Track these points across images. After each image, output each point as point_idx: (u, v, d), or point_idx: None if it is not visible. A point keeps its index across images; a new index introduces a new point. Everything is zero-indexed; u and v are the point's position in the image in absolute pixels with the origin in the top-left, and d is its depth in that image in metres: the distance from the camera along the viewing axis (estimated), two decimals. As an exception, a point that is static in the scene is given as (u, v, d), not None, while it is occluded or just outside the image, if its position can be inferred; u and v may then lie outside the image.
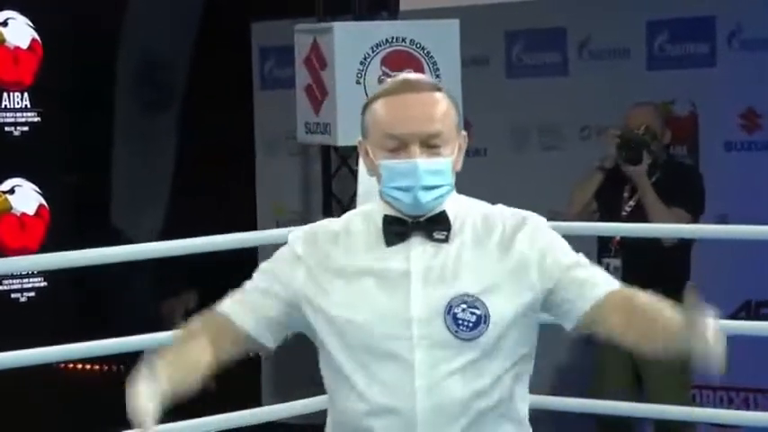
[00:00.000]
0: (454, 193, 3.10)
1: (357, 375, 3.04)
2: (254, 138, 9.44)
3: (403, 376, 3.01)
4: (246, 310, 3.13)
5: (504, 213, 3.11)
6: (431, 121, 3.04)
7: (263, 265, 3.17)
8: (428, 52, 6.03)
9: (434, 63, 6.04)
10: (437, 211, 3.06)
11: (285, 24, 6.92)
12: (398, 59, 6.08)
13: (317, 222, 3.18)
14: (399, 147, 3.04)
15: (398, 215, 3.06)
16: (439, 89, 3.12)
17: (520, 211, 3.13)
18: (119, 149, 10.00)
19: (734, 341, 7.34)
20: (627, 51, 8.10)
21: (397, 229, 3.06)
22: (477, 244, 3.06)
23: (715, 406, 7.79)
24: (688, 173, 7.31)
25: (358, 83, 6.13)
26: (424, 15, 7.18)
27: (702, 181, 7.17)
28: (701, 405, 7.71)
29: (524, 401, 3.12)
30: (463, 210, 3.10)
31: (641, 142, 6.56)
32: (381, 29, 6.20)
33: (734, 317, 7.77)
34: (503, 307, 3.02)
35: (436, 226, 3.05)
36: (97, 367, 10.26)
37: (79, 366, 9.81)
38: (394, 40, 6.12)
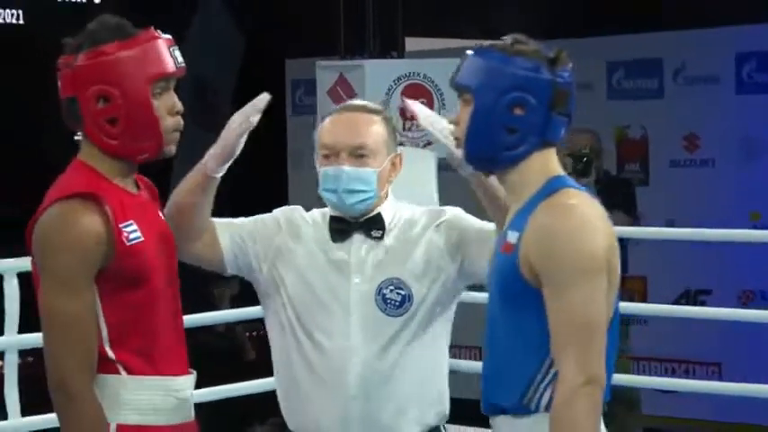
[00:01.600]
0: (392, 199, 3.09)
1: (303, 346, 3.02)
2: (286, 154, 9.47)
3: (341, 350, 2.99)
4: (230, 229, 3.08)
5: (425, 211, 3.11)
6: (357, 135, 3.02)
7: (255, 217, 3.14)
8: (436, 84, 6.13)
9: (441, 93, 6.12)
10: (374, 213, 3.04)
11: (312, 61, 6.91)
12: (414, 91, 6.14)
13: (293, 206, 3.15)
14: (331, 155, 3.03)
15: (342, 216, 3.05)
16: (378, 113, 3.10)
17: (440, 207, 3.13)
18: (177, 160, 10.02)
19: (676, 322, 7.38)
20: (590, 85, 8.09)
21: (340, 227, 3.05)
22: (403, 238, 3.04)
23: (660, 375, 7.79)
24: (622, 184, 7.28)
25: (385, 109, 6.19)
26: (425, 55, 7.19)
27: (634, 190, 7.17)
28: (649, 374, 7.71)
29: (445, 363, 3.10)
30: (398, 213, 3.08)
31: (589, 158, 6.53)
32: (401, 66, 6.27)
33: (676, 302, 7.79)
34: (423, 285, 3.01)
35: (373, 225, 3.04)
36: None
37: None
38: (411, 75, 6.19)
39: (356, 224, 3.04)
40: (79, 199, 2.69)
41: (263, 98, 2.96)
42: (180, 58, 2.81)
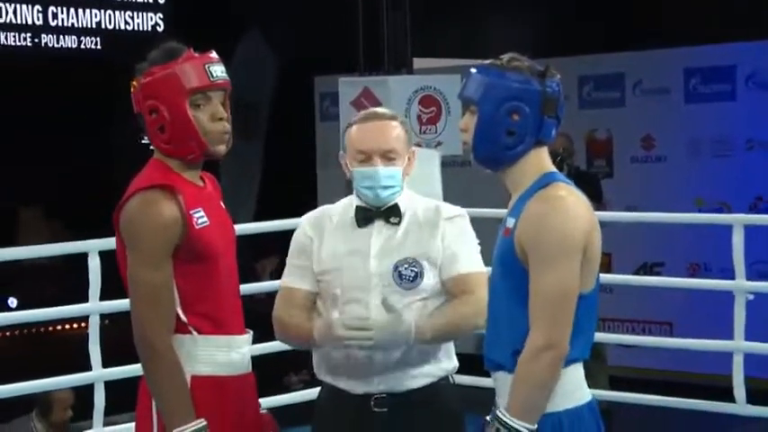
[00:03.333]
0: (407, 190, 3.08)
1: (334, 312, 3.01)
2: (316, 154, 9.48)
3: (363, 313, 2.97)
4: (301, 278, 3.06)
5: (440, 204, 3.10)
6: (387, 141, 3.02)
7: (292, 248, 3.10)
8: (443, 96, 6.21)
9: (447, 103, 6.18)
10: (392, 203, 3.04)
11: (336, 78, 6.93)
12: (428, 101, 6.25)
13: (319, 208, 3.13)
14: (366, 158, 3.02)
15: (366, 206, 3.05)
16: (396, 118, 3.09)
17: (455, 207, 3.11)
18: (225, 163, 10.06)
19: (637, 290, 7.36)
20: (566, 96, 8.08)
21: (364, 215, 3.04)
22: (418, 225, 3.03)
23: (622, 333, 7.80)
24: (589, 176, 7.27)
25: (406, 116, 6.24)
26: (430, 72, 7.22)
27: (600, 182, 7.15)
28: (613, 332, 7.71)
29: None
30: (412, 203, 3.07)
31: (562, 156, 6.52)
32: (417, 81, 6.36)
33: (636, 273, 7.79)
34: (432, 263, 3.00)
35: (391, 213, 3.04)
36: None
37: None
38: (425, 88, 6.27)
39: (378, 212, 3.04)
40: (158, 189, 2.71)
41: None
42: (217, 73, 2.78)
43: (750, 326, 4.59)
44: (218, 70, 2.79)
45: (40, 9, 8.51)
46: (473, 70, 2.68)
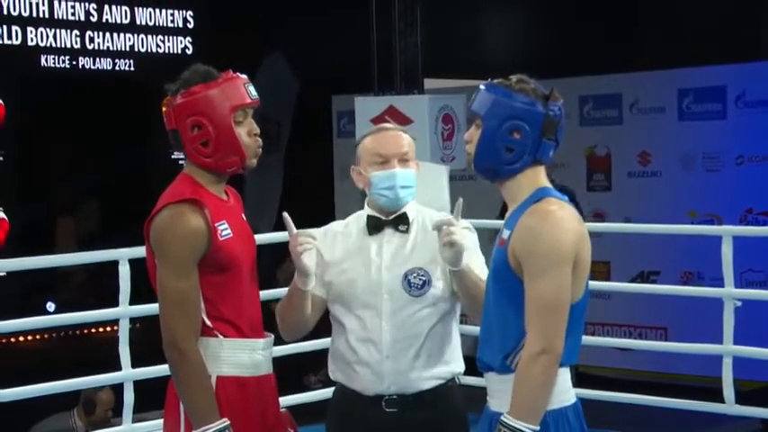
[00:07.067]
0: (413, 202, 3.07)
1: (347, 318, 3.00)
2: (333, 168, 9.47)
3: (375, 319, 2.97)
4: (319, 284, 3.02)
5: (449, 217, 3.05)
6: (403, 145, 3.02)
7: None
8: (455, 113, 6.33)
9: (458, 119, 6.29)
10: (401, 212, 3.03)
11: (352, 97, 6.93)
12: (447, 118, 6.39)
13: (330, 224, 3.13)
14: (384, 161, 3.01)
15: (377, 215, 3.03)
16: (405, 131, 3.10)
17: (464, 221, 3.03)
18: (249, 175, 10.07)
19: (634, 296, 7.33)
20: (567, 114, 8.07)
21: (375, 223, 3.03)
22: (426, 235, 3.01)
23: (619, 337, 7.76)
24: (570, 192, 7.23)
25: (435, 133, 6.30)
26: (438, 92, 7.21)
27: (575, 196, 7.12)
28: (611, 336, 7.68)
29: (455, 331, 3.07)
30: (420, 213, 3.06)
31: None
32: (441, 100, 6.50)
33: (633, 281, 7.76)
34: (439, 272, 2.99)
35: (400, 222, 3.03)
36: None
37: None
38: (445, 107, 6.38)
39: (387, 221, 3.03)
40: (186, 203, 2.71)
41: (288, 221, 2.93)
42: (254, 92, 2.82)
43: (738, 331, 4.56)
44: (253, 89, 2.83)
45: (78, 34, 8.58)
46: (482, 86, 2.66)
